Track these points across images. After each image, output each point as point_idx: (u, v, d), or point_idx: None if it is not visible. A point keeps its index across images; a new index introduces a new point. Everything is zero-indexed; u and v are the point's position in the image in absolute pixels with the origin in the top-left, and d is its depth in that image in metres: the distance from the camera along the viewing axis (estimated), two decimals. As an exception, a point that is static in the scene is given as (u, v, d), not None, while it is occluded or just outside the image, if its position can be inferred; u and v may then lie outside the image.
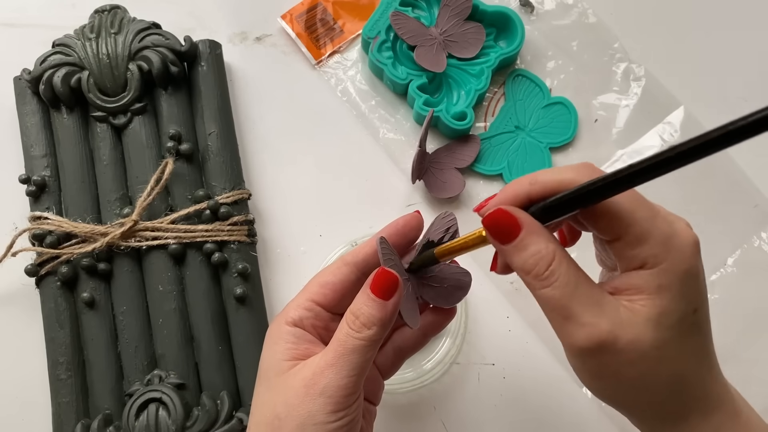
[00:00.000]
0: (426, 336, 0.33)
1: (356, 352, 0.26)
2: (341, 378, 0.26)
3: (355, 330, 0.27)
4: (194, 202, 0.42)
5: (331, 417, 0.26)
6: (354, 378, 0.26)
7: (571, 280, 0.23)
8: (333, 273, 0.30)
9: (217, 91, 0.45)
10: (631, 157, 0.47)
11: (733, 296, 0.45)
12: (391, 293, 0.27)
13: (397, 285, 0.27)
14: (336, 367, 0.26)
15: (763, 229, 0.46)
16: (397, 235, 0.30)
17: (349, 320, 0.27)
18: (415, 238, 0.31)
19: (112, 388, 0.40)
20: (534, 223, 0.24)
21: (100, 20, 0.44)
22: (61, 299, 0.41)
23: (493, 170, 0.47)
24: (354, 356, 0.26)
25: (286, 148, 0.48)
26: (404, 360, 0.34)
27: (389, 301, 0.27)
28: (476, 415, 0.43)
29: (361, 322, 0.27)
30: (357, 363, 0.26)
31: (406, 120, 0.48)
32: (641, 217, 0.23)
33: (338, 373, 0.26)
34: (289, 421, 0.26)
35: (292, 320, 0.29)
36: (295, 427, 0.26)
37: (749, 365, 0.43)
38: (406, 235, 0.31)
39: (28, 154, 0.44)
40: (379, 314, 0.27)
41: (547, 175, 0.24)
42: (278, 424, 0.27)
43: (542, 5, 0.50)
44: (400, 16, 0.46)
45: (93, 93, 0.43)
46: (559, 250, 0.24)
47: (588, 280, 0.24)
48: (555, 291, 0.23)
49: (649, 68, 0.49)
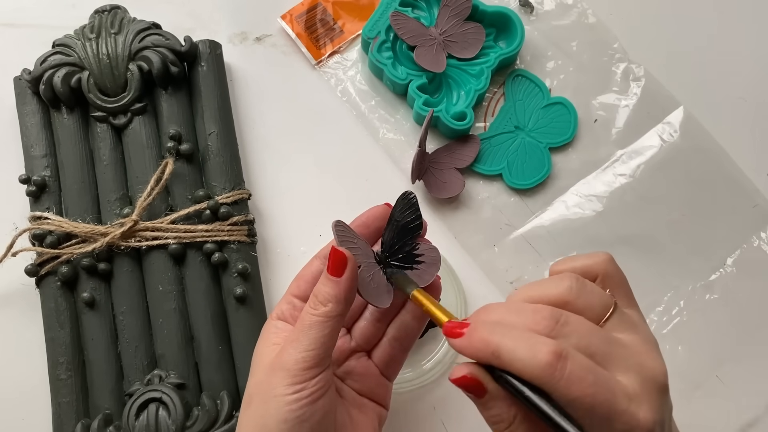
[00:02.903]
0: (417, 320, 0.34)
1: (313, 327, 0.28)
2: (299, 352, 0.28)
3: (312, 307, 0.29)
4: (194, 202, 0.42)
5: (289, 389, 0.28)
6: (312, 353, 0.28)
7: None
8: (307, 267, 0.33)
9: (217, 91, 0.45)
10: (631, 157, 0.47)
11: (733, 296, 0.45)
12: (342, 270, 0.29)
13: (345, 262, 0.29)
14: (295, 342, 0.28)
15: (762, 229, 0.46)
16: (362, 225, 0.33)
17: (310, 300, 0.29)
18: (380, 227, 0.33)
19: (112, 388, 0.40)
20: (496, 387, 0.26)
21: (101, 20, 0.44)
22: (61, 299, 0.41)
23: (493, 170, 0.47)
24: (312, 331, 0.28)
25: (286, 148, 0.48)
26: (405, 353, 0.34)
27: (341, 278, 0.28)
28: (476, 415, 0.43)
29: (318, 300, 0.29)
30: (315, 337, 0.28)
31: (406, 120, 0.48)
32: (598, 420, 0.24)
33: (296, 348, 0.28)
34: (256, 397, 0.29)
35: (276, 315, 0.32)
36: (260, 401, 0.29)
37: (749, 365, 0.43)
38: (370, 225, 0.33)
39: (29, 154, 0.44)
40: (333, 291, 0.28)
41: (508, 355, 0.25)
42: (248, 401, 0.30)
43: (542, 5, 0.50)
44: (400, 16, 0.46)
45: (93, 93, 0.43)
46: (520, 414, 0.25)
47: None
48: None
49: (648, 68, 0.49)
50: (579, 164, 0.47)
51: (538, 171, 0.46)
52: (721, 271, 0.45)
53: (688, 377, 0.43)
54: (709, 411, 0.42)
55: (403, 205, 0.32)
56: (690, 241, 0.46)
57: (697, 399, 0.42)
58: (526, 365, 0.24)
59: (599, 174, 0.47)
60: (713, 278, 0.45)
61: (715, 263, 0.45)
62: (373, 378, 0.33)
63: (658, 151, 0.47)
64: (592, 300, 0.26)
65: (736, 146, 0.47)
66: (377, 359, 0.34)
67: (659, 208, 0.46)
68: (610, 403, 0.24)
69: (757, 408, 0.42)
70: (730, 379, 0.43)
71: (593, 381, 0.24)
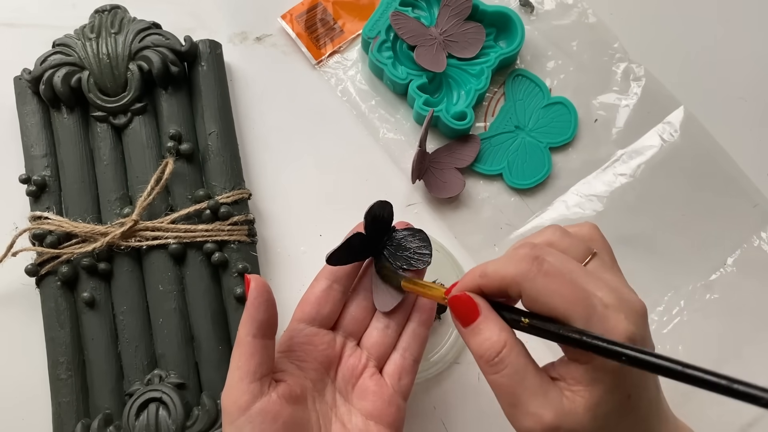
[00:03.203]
0: (424, 325, 0.34)
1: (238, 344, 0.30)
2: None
3: None
4: (194, 202, 0.42)
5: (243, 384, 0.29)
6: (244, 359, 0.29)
7: (520, 369, 0.25)
8: (310, 290, 0.34)
9: (218, 91, 0.45)
10: (631, 157, 0.47)
11: (733, 296, 0.45)
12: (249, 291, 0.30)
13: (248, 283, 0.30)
14: None
15: (763, 229, 0.46)
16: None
17: None
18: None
19: (112, 388, 0.40)
20: (491, 311, 0.26)
21: (101, 20, 0.44)
22: (61, 299, 0.41)
23: (493, 170, 0.47)
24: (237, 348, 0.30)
25: (286, 148, 0.48)
26: (417, 364, 0.34)
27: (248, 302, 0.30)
28: (476, 415, 0.43)
29: None
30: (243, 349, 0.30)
31: (406, 120, 0.48)
32: (576, 320, 0.24)
33: None
34: None
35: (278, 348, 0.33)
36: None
37: (749, 365, 0.43)
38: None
39: (29, 154, 0.44)
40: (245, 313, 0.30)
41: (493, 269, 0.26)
42: None
43: (542, 5, 0.50)
44: (400, 16, 0.46)
45: (93, 93, 0.43)
46: (510, 339, 0.26)
47: (536, 369, 0.26)
48: (503, 378, 0.25)
49: (649, 68, 0.49)
50: (579, 164, 0.47)
51: (538, 171, 0.46)
52: (721, 271, 0.45)
53: (688, 377, 0.43)
54: (709, 411, 0.42)
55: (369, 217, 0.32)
56: (690, 241, 0.46)
57: (697, 399, 0.42)
58: (508, 271, 0.25)
59: (599, 174, 0.47)
60: (713, 278, 0.45)
61: (715, 263, 0.45)
62: (386, 396, 0.33)
63: (659, 151, 0.47)
64: (574, 243, 0.27)
65: (736, 146, 0.47)
66: (389, 374, 0.33)
67: (659, 208, 0.46)
68: (587, 303, 0.24)
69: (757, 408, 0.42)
70: (730, 379, 0.43)
71: (570, 279, 0.24)
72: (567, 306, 0.24)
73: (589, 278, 0.25)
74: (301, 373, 0.32)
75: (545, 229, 0.28)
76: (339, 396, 0.33)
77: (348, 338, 0.34)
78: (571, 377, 0.25)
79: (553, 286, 0.24)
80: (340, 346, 0.33)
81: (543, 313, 0.25)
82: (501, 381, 0.25)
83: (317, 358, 0.32)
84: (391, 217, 0.34)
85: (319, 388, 0.32)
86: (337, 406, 0.32)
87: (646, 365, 0.22)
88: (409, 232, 0.34)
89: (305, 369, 0.32)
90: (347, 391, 0.33)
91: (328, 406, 0.32)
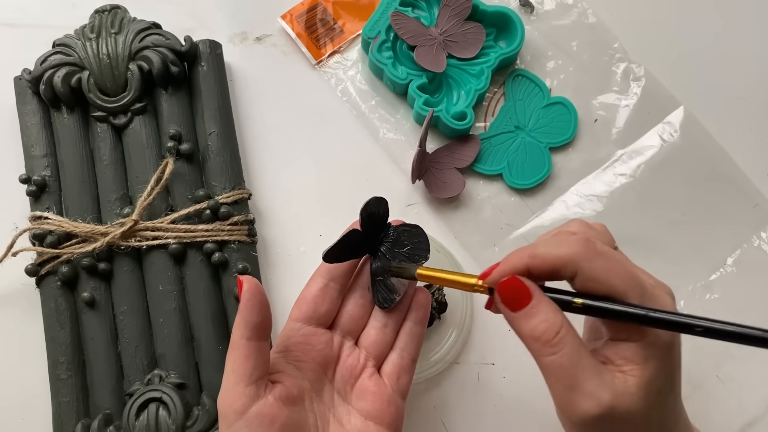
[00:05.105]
0: (420, 323, 0.34)
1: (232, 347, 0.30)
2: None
3: None
4: (194, 202, 0.42)
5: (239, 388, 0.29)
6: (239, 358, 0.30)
7: (576, 350, 0.25)
8: (306, 288, 0.34)
9: (217, 91, 0.45)
10: (631, 157, 0.47)
11: (733, 296, 0.45)
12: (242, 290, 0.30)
13: (241, 284, 0.30)
14: None
15: (763, 229, 0.46)
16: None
17: None
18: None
19: (112, 388, 0.40)
20: (542, 293, 0.26)
21: (101, 20, 0.44)
22: (61, 299, 0.41)
23: (493, 170, 0.47)
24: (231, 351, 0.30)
25: (286, 148, 0.48)
26: (414, 363, 0.34)
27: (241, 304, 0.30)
28: (476, 415, 0.43)
29: None
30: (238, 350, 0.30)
31: (406, 120, 0.48)
32: (632, 298, 0.25)
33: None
34: None
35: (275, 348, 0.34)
36: None
37: (749, 365, 0.43)
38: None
39: (29, 154, 0.44)
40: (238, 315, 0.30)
41: (545, 250, 0.26)
42: None
43: (542, 5, 0.50)
44: (400, 16, 0.46)
45: (93, 93, 0.43)
46: (565, 321, 0.26)
47: (588, 351, 0.26)
48: (563, 358, 0.25)
49: (649, 68, 0.49)
50: (579, 164, 0.47)
51: (538, 171, 0.46)
52: (721, 271, 0.45)
53: (688, 377, 0.43)
54: (709, 411, 0.42)
55: (365, 213, 0.33)
56: (690, 241, 0.46)
57: (697, 399, 0.42)
58: (563, 252, 0.25)
59: (599, 174, 0.47)
60: (713, 278, 0.45)
61: (715, 263, 0.45)
62: (385, 396, 0.33)
63: (659, 151, 0.47)
64: (599, 235, 0.29)
65: (736, 146, 0.47)
66: (388, 373, 0.33)
67: (659, 208, 0.46)
68: (639, 281, 0.26)
69: (757, 408, 0.42)
70: (730, 379, 0.43)
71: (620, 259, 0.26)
72: (625, 284, 0.25)
73: (630, 262, 0.27)
74: (299, 374, 0.32)
75: (571, 222, 0.29)
76: (337, 396, 0.33)
77: (345, 337, 0.34)
78: (620, 358, 0.26)
79: (610, 266, 0.25)
80: (337, 346, 0.33)
81: (599, 292, 0.25)
82: (560, 361, 0.25)
83: (315, 357, 0.32)
84: (386, 214, 0.34)
85: (317, 388, 0.32)
86: (335, 407, 0.32)
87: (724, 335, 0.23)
88: (405, 227, 0.34)
89: (303, 369, 0.32)
90: (346, 392, 0.33)
91: (326, 407, 0.32)
